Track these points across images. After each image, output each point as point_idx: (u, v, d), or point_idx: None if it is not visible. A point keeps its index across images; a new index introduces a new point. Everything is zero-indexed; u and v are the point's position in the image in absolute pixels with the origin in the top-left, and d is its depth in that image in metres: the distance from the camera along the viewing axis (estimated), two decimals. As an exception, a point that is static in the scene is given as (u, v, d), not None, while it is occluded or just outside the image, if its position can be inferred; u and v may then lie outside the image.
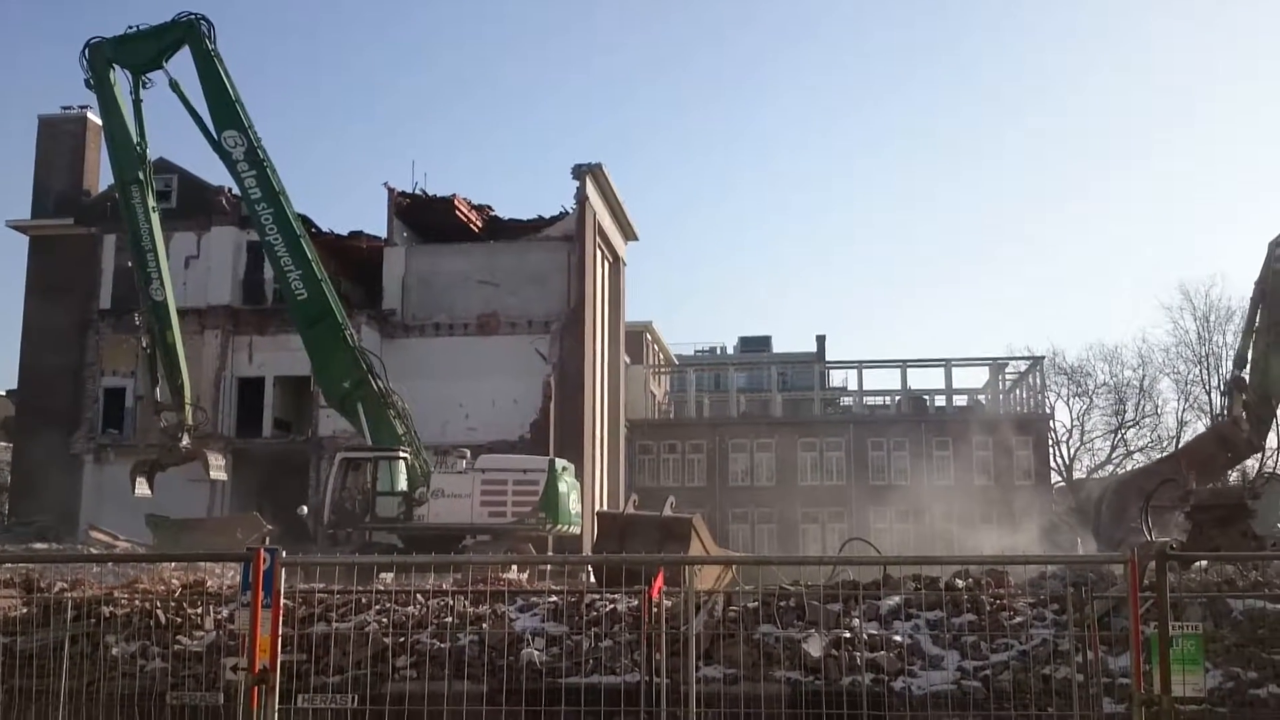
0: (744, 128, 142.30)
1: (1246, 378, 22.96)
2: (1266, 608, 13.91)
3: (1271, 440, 48.74)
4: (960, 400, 58.26)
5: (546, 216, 40.49)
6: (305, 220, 29.72)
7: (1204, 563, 17.57)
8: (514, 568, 22.66)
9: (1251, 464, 43.18)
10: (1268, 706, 11.98)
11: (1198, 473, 21.46)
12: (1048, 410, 54.56)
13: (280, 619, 7.12)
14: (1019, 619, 13.96)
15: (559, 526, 24.86)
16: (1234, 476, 44.03)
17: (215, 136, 24.27)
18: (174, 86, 24.31)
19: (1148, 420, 55.94)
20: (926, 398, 57.24)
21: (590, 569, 21.70)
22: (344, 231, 40.38)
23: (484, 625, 13.72)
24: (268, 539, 21.76)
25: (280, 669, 10.86)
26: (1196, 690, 7.09)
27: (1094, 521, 23.49)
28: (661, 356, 66.33)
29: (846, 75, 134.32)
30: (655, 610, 10.48)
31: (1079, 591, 10.12)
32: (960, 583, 15.16)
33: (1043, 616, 13.88)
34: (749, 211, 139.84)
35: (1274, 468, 42.08)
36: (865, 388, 60.68)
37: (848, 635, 13.16)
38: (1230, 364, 25.11)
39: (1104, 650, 10.62)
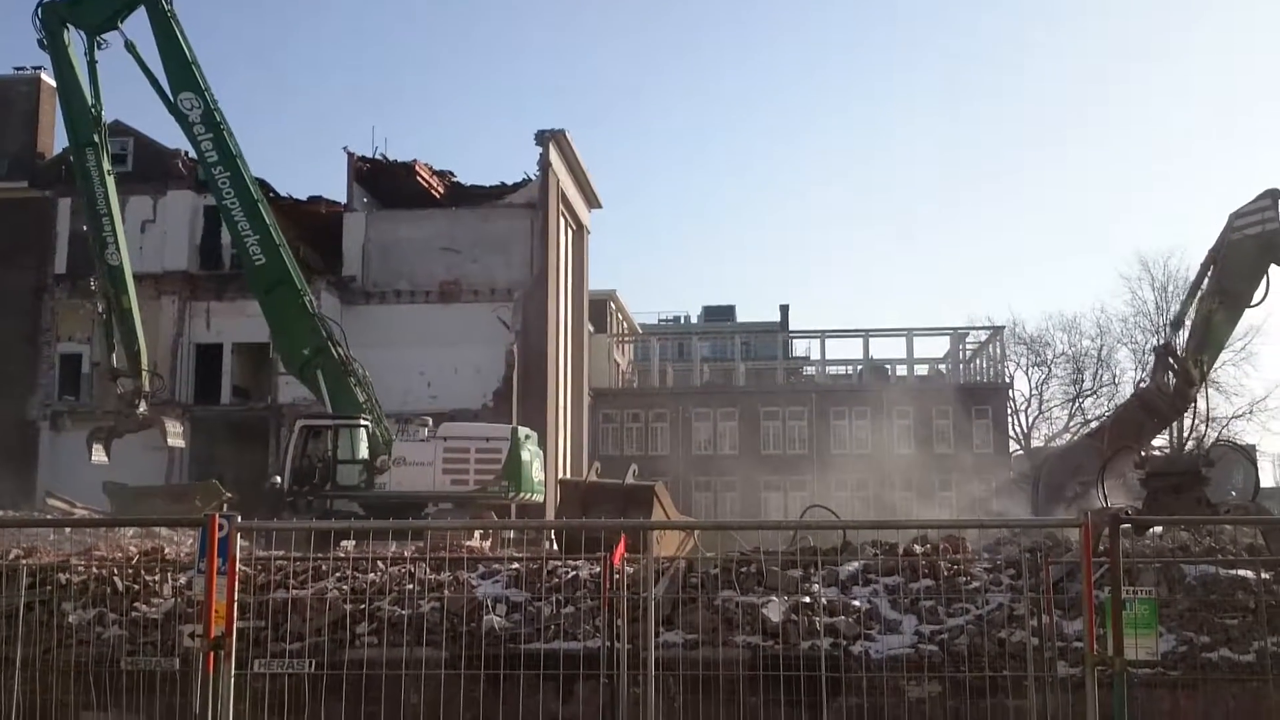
0: (708, 96, 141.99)
1: (1177, 343, 23.35)
2: (1219, 573, 14.15)
3: (1225, 408, 49.93)
4: (921, 370, 58.79)
5: (509, 183, 40.24)
6: (263, 185, 29.37)
7: (1159, 529, 17.86)
8: (476, 535, 22.67)
9: (1209, 433, 43.99)
10: (1220, 670, 12.22)
11: (1128, 441, 21.77)
12: (1007, 380, 55.23)
13: (235, 585, 7.06)
14: (975, 584, 14.14)
15: (522, 495, 24.84)
16: (1190, 444, 44.88)
17: (171, 99, 23.90)
18: (130, 48, 23.86)
19: (1105, 390, 56.65)
20: (888, 367, 57.70)
21: (553, 536, 21.77)
22: (303, 196, 39.97)
23: (445, 592, 13.72)
24: (225, 506, 21.58)
25: (239, 636, 10.83)
26: (1149, 654, 7.20)
27: (1031, 498, 23.82)
28: (625, 325, 66.30)
29: (809, 45, 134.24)
30: (617, 577, 10.50)
31: (1035, 557, 10.24)
32: (918, 548, 15.35)
33: (999, 581, 14.06)
34: (713, 181, 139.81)
35: (1230, 436, 42.85)
36: (828, 357, 61.16)
37: (807, 601, 13.28)
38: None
39: (1059, 614, 10.78)
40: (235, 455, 35.91)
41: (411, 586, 13.75)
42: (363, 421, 24.34)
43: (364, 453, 24.28)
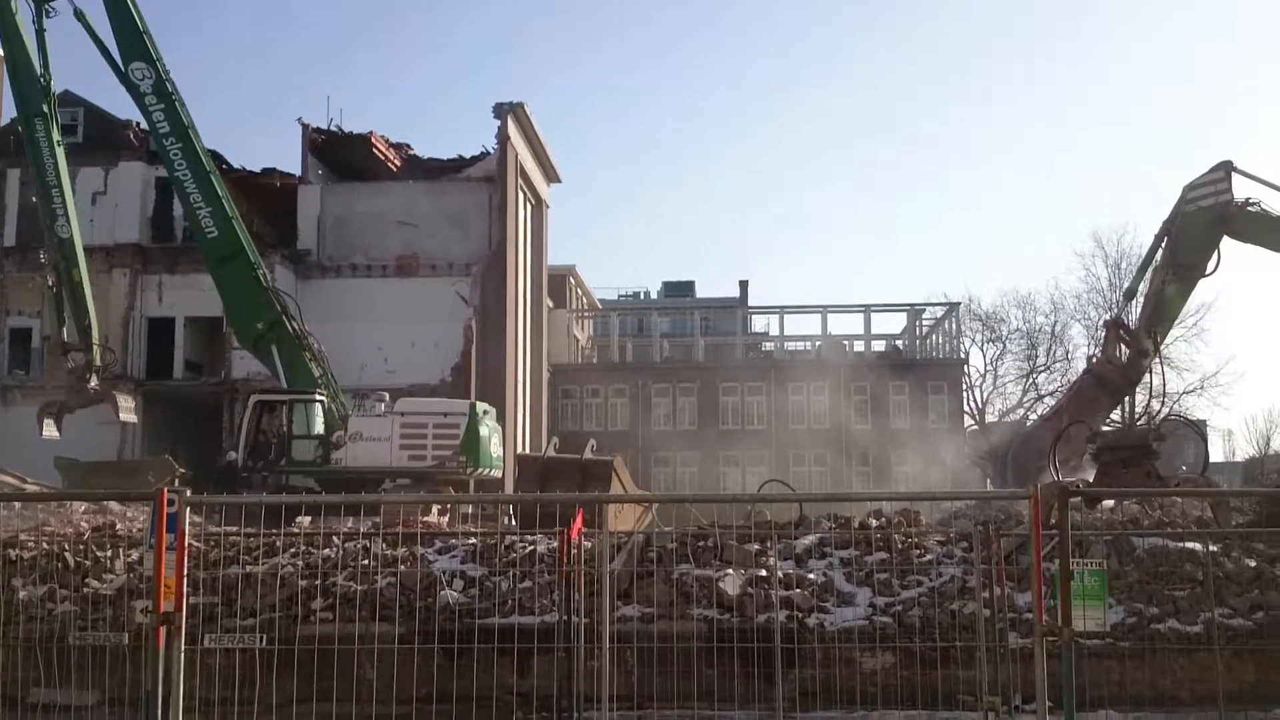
0: (666, 70, 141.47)
1: (1128, 316, 23.69)
2: (1168, 546, 14.41)
3: (1176, 384, 50.72)
4: (879, 345, 59.19)
5: (467, 156, 39.89)
6: (216, 156, 28.98)
7: (1110, 502, 18.14)
8: (434, 511, 22.60)
9: (1161, 407, 44.64)
10: (1168, 641, 12.45)
11: (1085, 416, 22.08)
12: (963, 355, 55.79)
13: (185, 560, 6.98)
14: (929, 556, 14.31)
15: (480, 470, 24.77)
16: (1142, 420, 45.55)
17: (122, 68, 23.54)
18: (79, 16, 23.42)
19: (1059, 365, 57.34)
20: (846, 343, 58.04)
21: (511, 511, 21.74)
22: (257, 168, 39.37)
23: (401, 567, 13.68)
24: (178, 482, 21.36)
25: (192, 611, 10.74)
26: (1098, 625, 7.30)
27: (1002, 477, 24.09)
28: (585, 301, 66.16)
29: (769, 19, 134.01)
30: (574, 551, 10.50)
31: (987, 530, 10.36)
32: (873, 522, 15.49)
33: (952, 554, 14.25)
34: (672, 156, 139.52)
35: (1181, 412, 43.53)
36: (786, 333, 61.42)
37: (764, 574, 13.37)
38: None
39: (1011, 586, 10.92)
40: (188, 431, 35.51)
41: (368, 562, 13.70)
42: (318, 396, 24.15)
43: (319, 428, 24.10)
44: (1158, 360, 24.94)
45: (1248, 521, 17.90)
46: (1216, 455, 56.35)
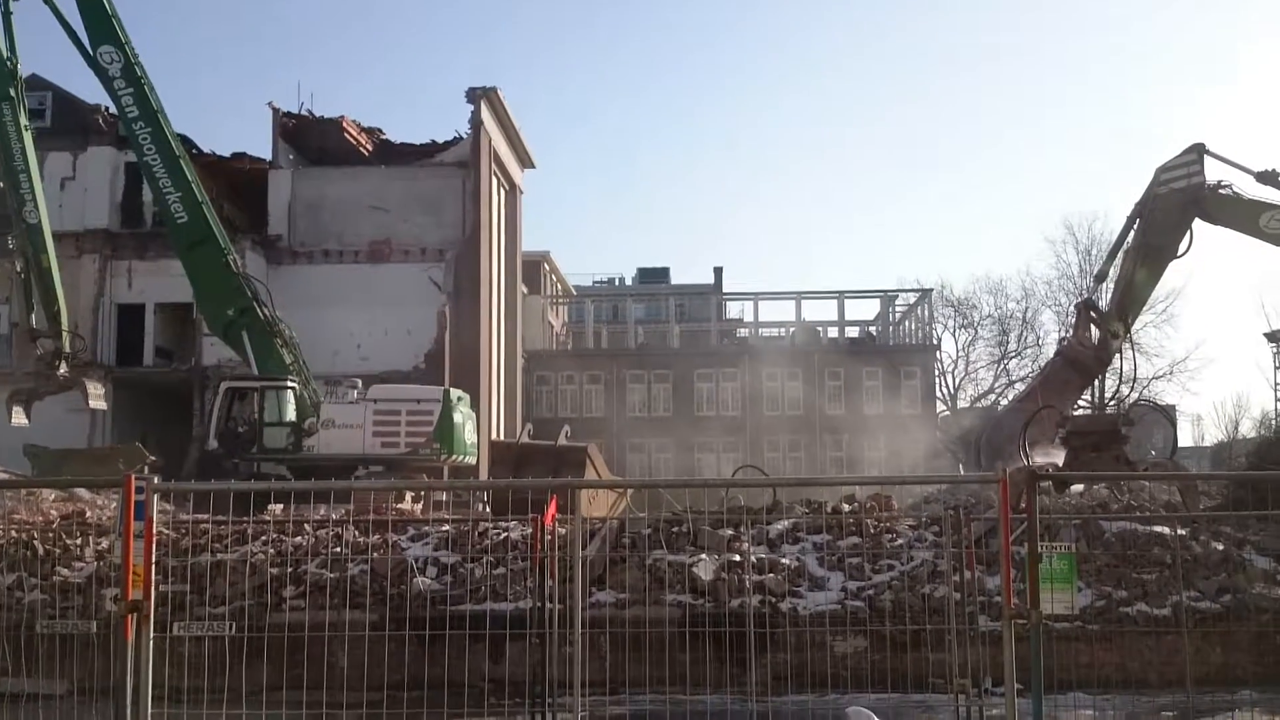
0: (641, 56, 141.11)
1: (1099, 298, 23.90)
2: (1137, 529, 14.59)
3: (1145, 369, 51.16)
4: (852, 331, 59.42)
5: (440, 141, 39.61)
6: (185, 140, 28.66)
7: (1080, 486, 18.31)
8: (407, 498, 22.52)
9: (1130, 392, 45.08)
10: (1136, 623, 12.60)
11: (1057, 399, 22.27)
12: (935, 341, 56.12)
13: (153, 548, 6.92)
14: (901, 541, 14.43)
15: (454, 457, 24.68)
16: (1112, 405, 45.95)
17: (91, 52, 23.25)
18: (46, -1, 23.12)
19: (1029, 351, 57.68)
20: (820, 329, 58.24)
21: (486, 498, 21.72)
22: (227, 153, 38.89)
23: (374, 555, 13.65)
24: (148, 470, 21.20)
25: (164, 599, 10.67)
26: (1066, 608, 7.36)
27: (974, 462, 24.25)
28: (559, 287, 66.02)
29: (742, 2, 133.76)
30: (548, 537, 10.50)
31: (957, 514, 10.43)
32: (846, 507, 15.60)
33: (923, 539, 14.37)
34: (648, 142, 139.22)
35: (1150, 397, 43.91)
36: (761, 319, 61.58)
37: (737, 559, 13.45)
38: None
39: (981, 570, 11.02)
40: (159, 418, 35.18)
41: (340, 550, 13.68)
42: (289, 383, 23.97)
43: (291, 415, 23.94)
44: (1128, 346, 25.19)
45: (1215, 505, 18.13)
46: (1185, 440, 56.93)
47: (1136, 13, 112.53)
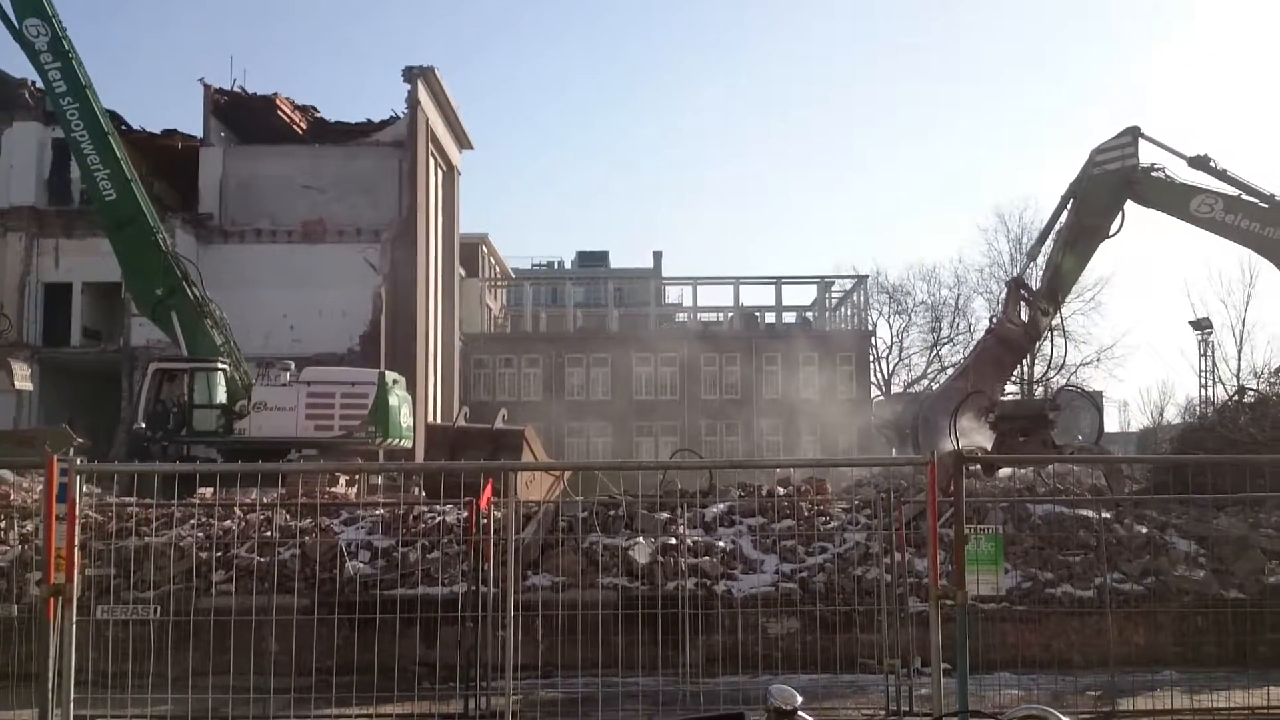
0: (581, 39, 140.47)
1: (1030, 276, 24.37)
2: (1063, 512, 14.88)
3: (1073, 356, 52.19)
4: (790, 317, 59.90)
5: (376, 120, 39.16)
6: (115, 117, 28.08)
7: (1009, 470, 18.64)
8: (341, 482, 22.30)
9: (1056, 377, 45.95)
10: (1062, 605, 12.86)
11: (990, 377, 22.64)
12: (870, 327, 56.80)
13: (76, 531, 6.79)
14: (834, 524, 14.58)
15: (389, 440, 24.51)
16: (1039, 390, 46.83)
17: (16, 25, 22.72)
18: (-32, -29, 22.46)
19: (961, 338, 58.66)
20: (758, 314, 58.62)
21: (421, 482, 21.55)
22: (157, 130, 38.17)
23: (305, 539, 13.49)
24: (72, 451, 20.76)
25: (90, 583, 10.47)
26: (993, 589, 7.50)
27: (913, 443, 24.58)
28: (498, 270, 65.66)
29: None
30: (484, 521, 10.46)
31: (889, 497, 10.56)
32: (781, 490, 15.72)
33: (856, 521, 14.53)
34: (588, 125, 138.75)
35: (1078, 383, 44.81)
36: (700, 304, 61.86)
37: (674, 542, 13.49)
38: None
39: (911, 552, 11.16)
40: (87, 399, 34.50)
41: (271, 533, 13.50)
42: (220, 365, 23.64)
43: (221, 397, 23.61)
44: (1056, 333, 25.64)
45: (1140, 490, 18.55)
46: (1112, 426, 58.14)
47: (1068, 3, 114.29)
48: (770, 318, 58.54)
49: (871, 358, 56.42)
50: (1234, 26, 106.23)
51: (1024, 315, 22.96)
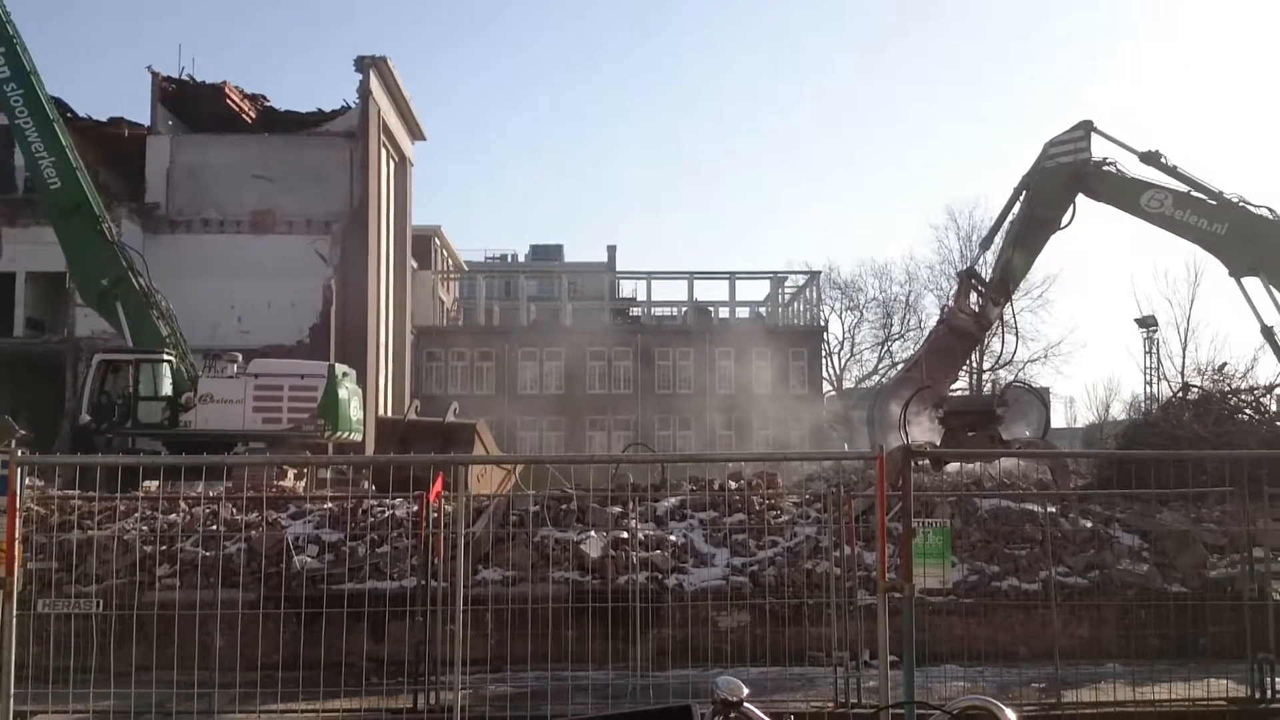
0: (537, 34, 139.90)
1: (982, 266, 24.70)
2: (1010, 507, 15.07)
3: (1021, 352, 52.86)
4: (743, 312, 60.15)
5: (326, 110, 38.72)
6: (60, 104, 27.56)
7: (958, 465, 18.86)
8: (289, 475, 22.06)
9: (1005, 374, 46.50)
10: (1008, 598, 13.03)
11: (943, 367, 22.90)
12: (822, 323, 57.17)
13: (15, 524, 6.66)
14: (785, 518, 14.66)
15: (339, 434, 24.29)
16: (988, 386, 47.37)
17: (-43, 11, 22.32)
18: (-93, -49, 22.02)
19: (912, 334, 59.26)
20: (712, 309, 58.81)
21: (371, 476, 21.39)
22: (103, 117, 37.48)
23: (252, 533, 13.35)
24: (14, 443, 20.38)
25: (31, 577, 10.27)
26: (940, 582, 7.57)
27: (869, 436, 24.80)
28: (451, 262, 65.27)
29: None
30: (434, 515, 10.40)
31: (840, 491, 10.62)
32: (733, 484, 15.79)
33: (807, 515, 14.63)
34: (542, 118, 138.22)
35: (1025, 379, 45.36)
36: (654, 298, 61.87)
37: (625, 536, 13.50)
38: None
39: (861, 545, 11.23)
40: (30, 391, 33.82)
41: (217, 527, 13.33)
42: (165, 356, 23.32)
43: (167, 389, 23.28)
44: (1007, 330, 25.98)
45: (1085, 485, 18.83)
46: (1059, 421, 59.12)
47: (1023, 5, 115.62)
48: (724, 312, 58.77)
49: (823, 353, 56.86)
50: (1187, 32, 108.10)
51: (975, 305, 23.25)
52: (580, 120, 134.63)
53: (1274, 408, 22.18)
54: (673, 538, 13.93)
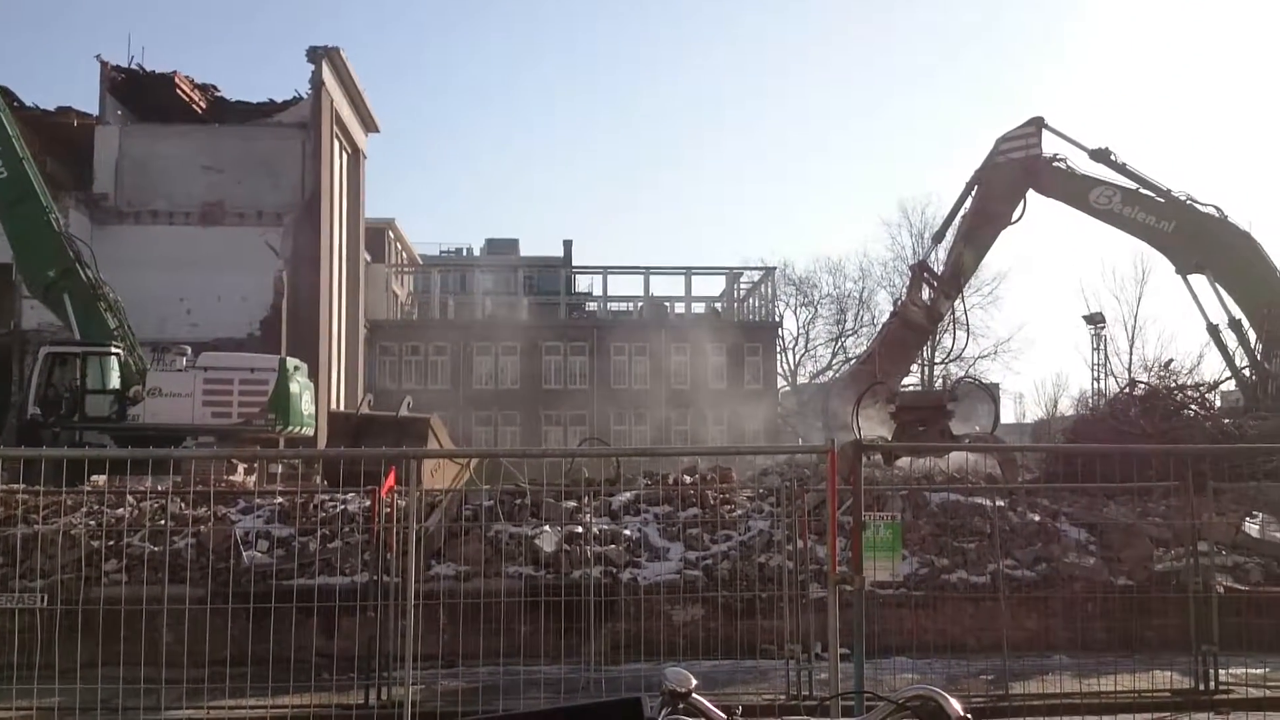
0: (492, 26, 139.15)
1: (934, 260, 25.01)
2: (959, 500, 15.24)
3: (971, 348, 53.38)
4: (698, 307, 60.25)
5: (278, 101, 38.32)
6: (7, 92, 27.17)
7: (909, 459, 19.05)
8: (240, 470, 21.82)
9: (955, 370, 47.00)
10: (958, 590, 13.18)
11: (896, 360, 23.12)
12: (777, 319, 57.42)
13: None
14: (739, 512, 14.73)
15: (290, 428, 24.08)
16: (939, 382, 47.84)
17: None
18: None
19: (865, 330, 59.63)
20: (667, 304, 58.86)
21: (322, 470, 21.19)
22: (51, 106, 36.95)
23: (201, 528, 13.19)
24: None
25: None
26: (890, 575, 7.64)
27: (825, 429, 24.98)
28: (405, 256, 64.80)
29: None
30: (387, 509, 10.33)
31: (793, 485, 10.69)
32: (687, 479, 15.84)
33: (761, 509, 14.70)
34: (498, 111, 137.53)
35: (975, 375, 45.87)
36: (609, 293, 61.86)
37: (580, 530, 13.50)
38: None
39: (814, 539, 11.32)
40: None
41: (165, 522, 13.16)
42: (113, 349, 23.01)
43: (115, 382, 22.97)
44: (959, 327, 26.29)
45: (1033, 479, 19.09)
46: (1008, 417, 59.79)
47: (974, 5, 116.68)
48: (679, 308, 58.85)
49: (778, 348, 57.13)
50: (1139, 32, 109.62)
51: (927, 299, 23.49)
52: (537, 115, 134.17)
53: (1219, 404, 22.62)
54: (627, 532, 13.94)
